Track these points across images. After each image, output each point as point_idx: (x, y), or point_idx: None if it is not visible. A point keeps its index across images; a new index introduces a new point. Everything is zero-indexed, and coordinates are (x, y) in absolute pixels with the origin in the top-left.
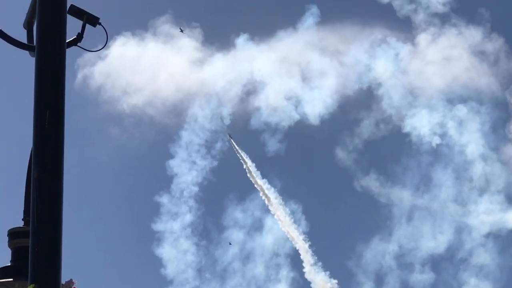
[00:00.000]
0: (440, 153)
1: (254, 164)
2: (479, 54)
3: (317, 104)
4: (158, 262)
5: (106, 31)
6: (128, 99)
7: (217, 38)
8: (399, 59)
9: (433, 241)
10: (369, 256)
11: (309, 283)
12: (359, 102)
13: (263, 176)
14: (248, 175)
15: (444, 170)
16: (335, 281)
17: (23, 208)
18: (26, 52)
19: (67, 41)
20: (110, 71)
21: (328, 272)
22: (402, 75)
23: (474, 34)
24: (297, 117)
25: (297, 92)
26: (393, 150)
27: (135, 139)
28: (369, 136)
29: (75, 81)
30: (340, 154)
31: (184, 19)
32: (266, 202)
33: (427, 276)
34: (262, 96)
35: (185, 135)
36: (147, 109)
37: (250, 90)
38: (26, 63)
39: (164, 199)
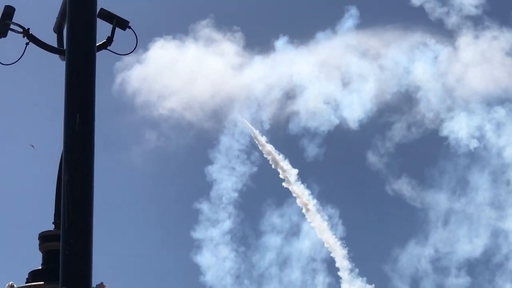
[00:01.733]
0: (477, 156)
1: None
2: None
3: (356, 108)
4: (196, 270)
5: (136, 35)
6: (166, 103)
7: (258, 41)
8: (438, 61)
9: (469, 245)
10: (404, 260)
11: None
12: (398, 105)
13: (302, 181)
14: (284, 184)
15: (481, 173)
16: (372, 286)
17: (53, 212)
18: (57, 56)
19: (97, 44)
20: (149, 75)
21: (365, 278)
22: (440, 77)
23: (508, 36)
24: (336, 121)
25: (336, 96)
26: (430, 154)
27: (173, 145)
28: (407, 140)
29: (113, 85)
30: (376, 158)
31: (225, 23)
32: (304, 210)
33: (463, 280)
34: (301, 100)
35: (224, 140)
36: (185, 114)
37: (289, 94)
38: (57, 67)
39: (203, 205)
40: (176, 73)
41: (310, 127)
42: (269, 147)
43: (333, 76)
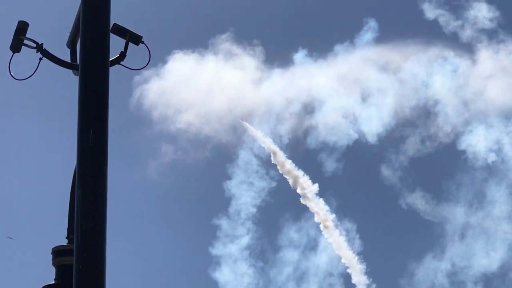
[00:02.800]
0: (495, 170)
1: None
2: None
3: (374, 122)
4: (215, 286)
5: (149, 50)
6: (184, 117)
7: (277, 55)
8: (456, 75)
9: (486, 259)
10: (421, 274)
11: None
12: (417, 119)
13: (321, 195)
14: (302, 200)
15: (498, 187)
16: None
17: (67, 226)
18: (70, 71)
19: (110, 59)
20: (167, 89)
21: None
22: (459, 91)
23: None
24: (355, 135)
25: (355, 110)
26: (448, 167)
27: (191, 159)
28: (424, 154)
29: (131, 99)
30: (392, 172)
31: (245, 37)
32: (322, 226)
33: None
34: (319, 114)
35: (243, 155)
36: (204, 128)
37: (308, 108)
38: (70, 82)
39: (222, 221)
40: (194, 86)
41: (329, 142)
42: (289, 166)
43: (351, 89)
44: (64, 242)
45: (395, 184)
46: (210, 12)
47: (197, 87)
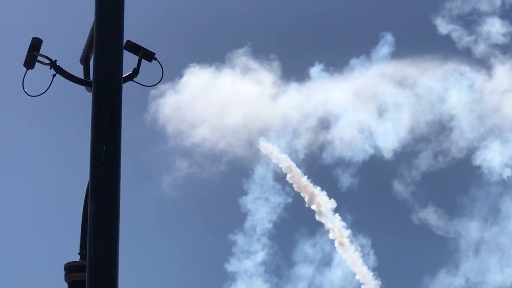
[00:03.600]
0: (510, 185)
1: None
2: None
3: (390, 137)
4: None
5: (161, 66)
6: (200, 132)
7: (294, 69)
8: (472, 90)
9: (500, 274)
10: None
11: None
12: (432, 134)
13: (336, 210)
14: (317, 217)
15: None
16: None
17: (79, 242)
18: (83, 88)
19: (123, 76)
20: (183, 103)
21: None
22: (474, 106)
23: None
24: (370, 150)
25: (370, 125)
26: (462, 183)
27: (206, 174)
28: (438, 169)
29: (146, 113)
30: (406, 187)
31: (262, 52)
32: (337, 244)
33: None
34: (335, 129)
35: (259, 170)
36: (219, 143)
37: (324, 123)
38: (83, 98)
39: (237, 237)
40: (210, 101)
41: (345, 157)
42: (305, 182)
43: (367, 104)
44: (77, 258)
45: (407, 199)
46: (227, 26)
47: (213, 101)
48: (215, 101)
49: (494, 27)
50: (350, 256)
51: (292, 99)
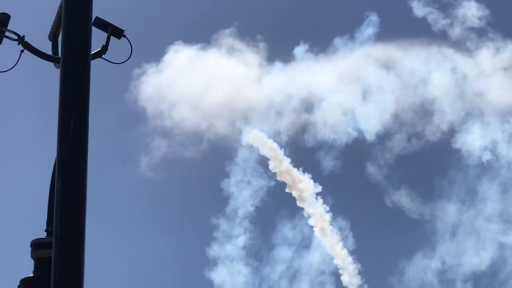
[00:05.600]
0: (489, 168)
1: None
2: None
3: (373, 120)
4: (210, 286)
5: (130, 44)
6: (183, 112)
7: (279, 50)
8: (455, 73)
9: (476, 257)
10: (411, 272)
11: None
12: (414, 117)
13: (318, 194)
14: (297, 202)
15: (491, 184)
16: None
17: (46, 219)
18: (51, 64)
19: (92, 53)
20: (166, 83)
21: None
22: (456, 89)
23: None
24: (354, 133)
25: (353, 107)
26: (442, 166)
27: (188, 156)
28: (417, 152)
29: (128, 93)
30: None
31: (248, 33)
32: (317, 231)
33: None
34: (319, 111)
35: (242, 153)
36: (201, 124)
37: (308, 105)
38: (51, 74)
39: (219, 221)
40: (194, 80)
41: (328, 139)
42: (287, 167)
43: (350, 86)
44: (43, 235)
45: (381, 182)
46: (215, 6)
47: (196, 80)
48: (198, 81)
49: (470, 11)
50: (330, 241)
51: (276, 80)
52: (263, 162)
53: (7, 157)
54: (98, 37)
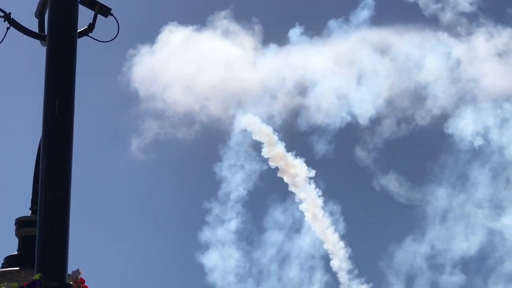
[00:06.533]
0: (480, 154)
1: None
2: None
3: (366, 104)
4: (201, 270)
5: (117, 22)
6: (175, 95)
7: (275, 33)
8: (449, 57)
9: (465, 242)
10: (400, 257)
11: None
12: (408, 102)
13: (310, 178)
14: (289, 188)
15: (482, 171)
16: (370, 285)
17: (31, 198)
18: (38, 41)
19: (78, 31)
20: (160, 64)
21: (363, 278)
22: (450, 74)
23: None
24: (347, 117)
25: (347, 91)
26: (433, 150)
27: (181, 139)
28: (409, 136)
29: (119, 75)
30: (372, 154)
31: (244, 15)
32: (308, 216)
33: (457, 278)
34: (312, 95)
35: (235, 136)
36: (194, 106)
37: (302, 89)
38: (38, 52)
39: (212, 205)
40: (187, 62)
41: (321, 123)
42: (281, 152)
43: (345, 70)
44: (28, 213)
45: (369, 166)
46: None
47: (191, 63)
48: (192, 62)
49: None
50: (321, 226)
51: (271, 63)
52: (257, 146)
53: None
54: (86, 16)
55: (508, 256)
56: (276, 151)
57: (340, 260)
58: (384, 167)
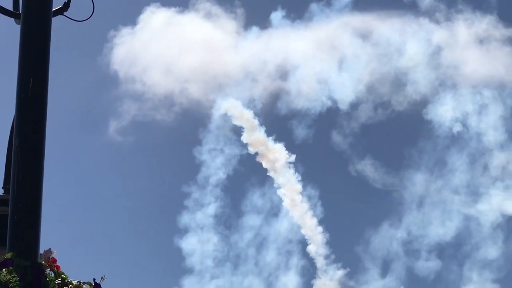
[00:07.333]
0: (459, 139)
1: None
2: (508, 41)
3: (347, 89)
4: (179, 254)
5: (92, 1)
6: (156, 78)
7: (256, 16)
8: (431, 43)
9: (441, 228)
10: (377, 242)
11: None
12: (388, 87)
13: (289, 163)
14: (268, 173)
15: (460, 157)
16: (346, 270)
17: (3, 177)
18: (12, 20)
19: (53, 10)
20: (140, 46)
21: (340, 264)
22: (431, 59)
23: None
24: (328, 102)
25: (328, 76)
26: (412, 136)
27: (160, 121)
28: (388, 122)
29: (100, 56)
30: (348, 140)
31: None
32: (286, 202)
33: (433, 264)
34: (293, 79)
35: (215, 120)
36: (174, 89)
37: (282, 73)
38: (12, 30)
39: (191, 188)
40: (169, 45)
41: (302, 108)
42: (262, 138)
43: (326, 54)
44: (0, 192)
45: (345, 151)
46: None
47: (172, 44)
48: (173, 45)
49: None
50: (299, 211)
51: (252, 46)
52: (237, 130)
53: None
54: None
55: (483, 242)
56: (256, 136)
57: (317, 245)
58: (360, 152)
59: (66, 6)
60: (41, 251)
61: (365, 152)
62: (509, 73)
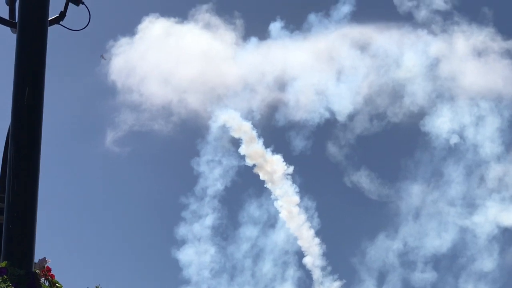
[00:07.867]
0: (456, 151)
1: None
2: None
3: (345, 100)
4: (176, 265)
5: (89, 11)
6: (154, 88)
7: (255, 27)
8: (428, 55)
9: (437, 240)
10: (373, 253)
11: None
12: (387, 99)
13: (287, 175)
14: (266, 185)
15: (456, 168)
16: (343, 282)
17: None
18: (8, 29)
19: (49, 19)
20: (140, 57)
21: (336, 275)
22: (428, 71)
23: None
24: (325, 113)
25: (326, 88)
26: (410, 147)
27: (158, 131)
28: (385, 134)
29: (98, 66)
30: (344, 151)
31: (226, 10)
32: (283, 214)
33: (429, 275)
34: (291, 90)
35: (213, 131)
36: (173, 100)
37: (281, 84)
38: (8, 39)
39: (188, 200)
40: (168, 55)
41: (300, 119)
42: (260, 150)
43: (324, 66)
44: None
45: (341, 162)
46: None
47: (171, 55)
48: (172, 55)
49: None
50: (296, 223)
51: (251, 57)
52: (235, 141)
53: None
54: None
55: (479, 254)
56: (254, 148)
57: (313, 256)
58: (356, 163)
59: (62, 15)
60: (36, 260)
61: (359, 163)
62: (506, 85)
